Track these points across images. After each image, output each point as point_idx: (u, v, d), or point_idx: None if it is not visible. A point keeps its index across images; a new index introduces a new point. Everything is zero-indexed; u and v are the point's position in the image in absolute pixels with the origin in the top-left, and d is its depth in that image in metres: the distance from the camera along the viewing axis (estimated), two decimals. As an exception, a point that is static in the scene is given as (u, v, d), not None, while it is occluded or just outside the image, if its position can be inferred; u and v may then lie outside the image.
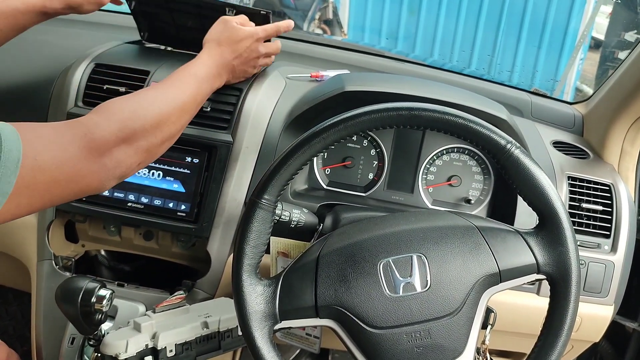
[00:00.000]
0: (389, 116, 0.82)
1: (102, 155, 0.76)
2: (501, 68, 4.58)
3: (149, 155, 0.86)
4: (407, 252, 0.82)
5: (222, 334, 0.99)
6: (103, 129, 0.77)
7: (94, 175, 0.76)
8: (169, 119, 0.88)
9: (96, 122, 0.78)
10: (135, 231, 1.20)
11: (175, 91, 0.92)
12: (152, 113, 0.85)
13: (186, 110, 0.93)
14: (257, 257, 0.84)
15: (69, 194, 0.74)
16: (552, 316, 0.81)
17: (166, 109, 0.88)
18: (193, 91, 0.95)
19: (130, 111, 0.82)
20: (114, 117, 0.80)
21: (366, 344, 0.80)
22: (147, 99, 0.87)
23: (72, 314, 0.90)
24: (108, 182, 0.80)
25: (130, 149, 0.80)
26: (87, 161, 0.74)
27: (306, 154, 0.83)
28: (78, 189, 0.75)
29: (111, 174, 0.79)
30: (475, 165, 1.21)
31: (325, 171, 1.22)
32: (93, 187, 0.77)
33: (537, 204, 0.82)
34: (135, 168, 0.84)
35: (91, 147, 0.75)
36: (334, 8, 5.15)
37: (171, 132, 0.89)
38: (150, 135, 0.84)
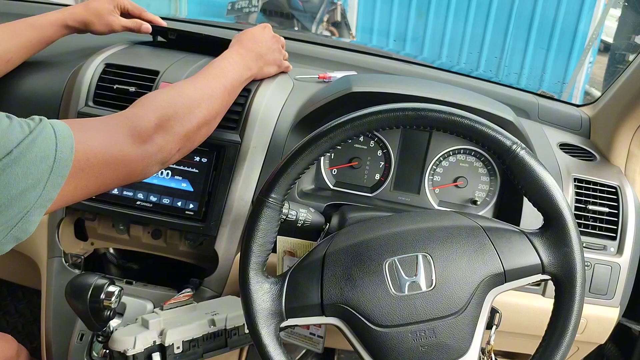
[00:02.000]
0: (396, 116, 0.83)
1: (144, 142, 0.83)
2: (509, 70, 4.57)
3: (188, 140, 0.92)
4: (413, 251, 0.82)
5: (228, 332, 0.99)
6: (142, 118, 0.84)
7: (139, 160, 0.83)
8: (200, 105, 0.94)
9: (135, 113, 0.85)
10: (143, 230, 1.21)
11: (203, 81, 0.99)
12: (183, 100, 0.91)
13: (215, 97, 0.98)
14: (264, 255, 0.84)
15: (118, 178, 0.81)
16: (557, 317, 0.81)
17: (195, 96, 0.94)
18: (220, 80, 1.01)
19: (163, 100, 0.89)
20: (150, 107, 0.87)
21: (371, 342, 0.81)
22: (177, 89, 0.94)
23: (81, 310, 0.92)
24: (152, 168, 0.86)
25: (168, 135, 0.87)
26: (132, 147, 0.81)
27: (313, 153, 0.84)
28: (125, 173, 0.82)
29: (154, 160, 0.86)
30: (482, 166, 1.22)
31: (332, 171, 1.23)
32: (139, 172, 0.85)
33: (542, 205, 0.82)
34: (176, 154, 0.91)
35: (134, 134, 0.82)
36: (342, 10, 5.17)
37: (204, 117, 0.94)
38: (184, 120, 0.90)
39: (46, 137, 0.68)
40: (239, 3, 4.92)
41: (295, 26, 4.51)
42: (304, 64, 1.46)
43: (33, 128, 0.68)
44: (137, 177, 0.85)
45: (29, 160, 0.66)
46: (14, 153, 0.64)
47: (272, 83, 1.20)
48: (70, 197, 0.74)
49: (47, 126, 0.70)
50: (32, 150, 0.66)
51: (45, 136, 0.68)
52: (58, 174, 0.69)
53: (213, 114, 0.97)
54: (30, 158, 0.66)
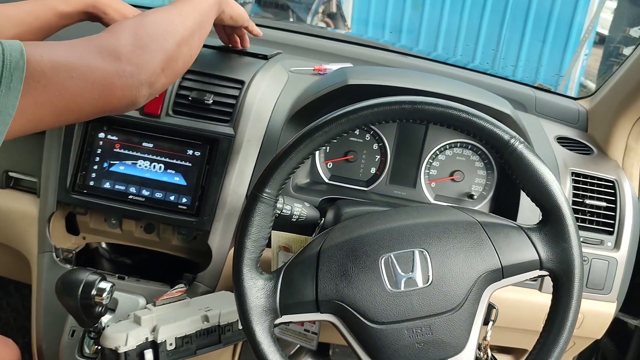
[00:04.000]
0: (392, 110, 0.82)
1: (119, 60, 0.76)
2: (505, 63, 4.56)
3: (170, 59, 0.84)
4: (409, 247, 0.81)
5: (222, 328, 0.98)
6: (112, 38, 0.77)
7: (116, 77, 0.75)
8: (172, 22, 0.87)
9: (105, 35, 0.78)
10: (136, 224, 1.20)
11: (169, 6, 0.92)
12: (152, 19, 0.85)
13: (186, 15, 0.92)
14: (258, 251, 0.83)
15: (93, 96, 0.74)
16: (555, 313, 0.80)
17: (164, 15, 0.87)
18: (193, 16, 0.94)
19: (132, 23, 0.82)
20: (119, 29, 0.80)
21: (367, 339, 0.80)
22: (143, 14, 0.86)
23: (72, 306, 0.90)
24: (139, 89, 0.79)
25: (146, 54, 0.80)
26: (102, 61, 0.74)
27: (308, 147, 0.83)
28: (101, 90, 0.74)
29: (137, 79, 0.78)
30: (478, 160, 1.20)
31: (328, 165, 1.21)
32: (120, 92, 0.77)
33: (541, 200, 0.81)
34: (161, 75, 0.83)
35: (104, 51, 0.74)
36: (338, 2, 5.14)
37: (181, 34, 0.87)
38: (160, 38, 0.83)
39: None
40: None
41: (290, 17, 4.48)
42: (299, 55, 1.44)
43: None
44: (122, 100, 0.78)
45: None
46: None
47: (266, 75, 1.19)
48: (33, 113, 0.68)
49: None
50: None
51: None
52: (11, 77, 0.63)
53: (189, 33, 0.90)
54: None
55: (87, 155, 1.13)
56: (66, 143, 1.13)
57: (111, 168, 1.12)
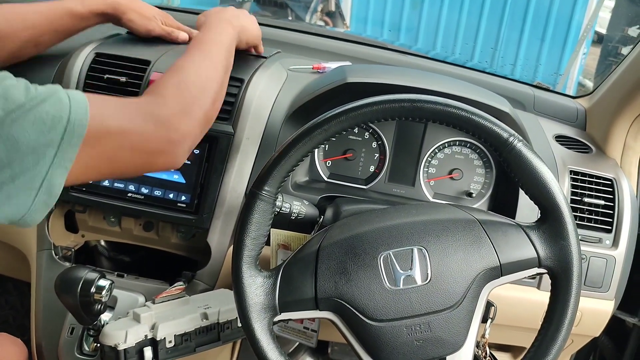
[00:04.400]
0: (391, 108, 0.82)
1: (167, 129, 0.80)
2: (504, 61, 4.56)
3: (208, 120, 0.90)
4: (408, 244, 0.81)
5: (221, 326, 0.98)
6: (163, 106, 0.81)
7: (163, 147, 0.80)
8: (209, 79, 0.91)
9: (156, 101, 0.81)
10: (135, 222, 1.20)
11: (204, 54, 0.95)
12: (195, 80, 0.88)
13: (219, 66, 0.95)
14: (257, 248, 0.83)
15: (138, 164, 0.79)
16: (553, 310, 0.81)
17: (203, 72, 0.91)
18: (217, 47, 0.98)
19: (178, 84, 0.85)
20: (169, 93, 0.83)
21: (366, 336, 0.80)
22: (185, 70, 0.89)
23: (72, 304, 0.90)
24: (182, 156, 0.84)
25: (190, 120, 0.84)
26: (154, 131, 0.78)
27: (307, 145, 0.83)
28: (147, 160, 0.79)
29: (181, 148, 0.83)
30: (477, 158, 1.21)
31: (327, 163, 1.21)
32: (167, 160, 0.82)
33: (539, 198, 0.81)
34: (199, 136, 0.88)
35: (155, 118, 0.79)
36: (337, 0, 5.13)
37: (216, 91, 0.91)
38: (202, 101, 0.87)
39: (59, 98, 0.67)
40: None
41: (289, 16, 4.47)
42: (298, 54, 1.44)
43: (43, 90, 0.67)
44: (164, 165, 0.83)
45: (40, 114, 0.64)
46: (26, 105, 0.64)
47: (265, 73, 1.19)
48: (82, 173, 0.71)
49: (59, 89, 0.68)
50: (43, 107, 0.65)
51: (59, 97, 0.67)
52: (73, 133, 0.67)
53: (220, 84, 0.95)
54: (41, 113, 0.64)
55: (86, 153, 1.12)
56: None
57: (110, 166, 1.12)
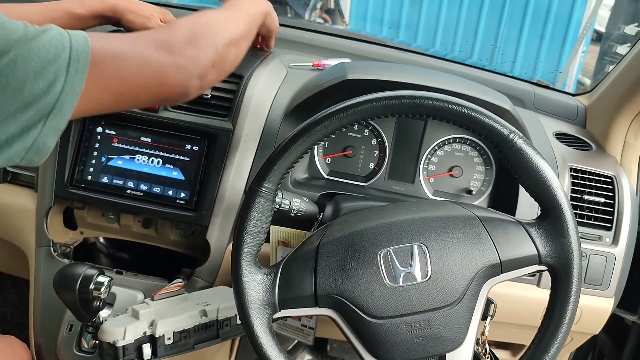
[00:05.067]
0: (392, 104, 0.82)
1: (173, 53, 0.80)
2: (504, 59, 4.55)
3: (220, 57, 0.89)
4: (408, 241, 0.81)
5: (220, 323, 0.98)
6: (169, 33, 0.83)
7: (169, 67, 0.80)
8: (225, 24, 0.93)
9: (161, 30, 0.85)
10: (134, 219, 1.20)
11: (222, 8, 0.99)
12: (207, 19, 0.90)
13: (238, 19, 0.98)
14: (257, 245, 0.83)
15: (147, 84, 0.79)
16: (553, 308, 0.81)
17: (219, 17, 0.93)
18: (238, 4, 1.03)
19: (189, 20, 0.88)
20: (176, 25, 0.85)
21: (365, 333, 0.80)
22: (199, 13, 0.92)
23: (70, 300, 0.90)
24: (191, 81, 0.83)
25: (198, 49, 0.84)
26: (158, 52, 0.79)
27: (307, 142, 0.83)
28: (157, 80, 0.79)
29: (189, 71, 0.83)
30: (477, 155, 1.20)
31: (326, 160, 1.21)
32: (173, 82, 0.81)
33: (540, 195, 0.81)
34: (211, 70, 0.87)
35: (160, 44, 0.80)
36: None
37: (231, 36, 0.93)
38: (214, 35, 0.88)
39: (57, 30, 0.69)
40: None
41: (288, 13, 4.46)
42: (297, 51, 1.44)
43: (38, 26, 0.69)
44: (175, 88, 0.83)
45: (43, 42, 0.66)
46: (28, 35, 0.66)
47: (265, 70, 1.18)
48: (95, 97, 0.73)
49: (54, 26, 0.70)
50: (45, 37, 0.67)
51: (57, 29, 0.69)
52: (78, 59, 0.69)
53: (239, 35, 0.96)
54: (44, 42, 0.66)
55: (85, 150, 1.12)
56: (64, 137, 1.12)
57: (109, 162, 1.12)
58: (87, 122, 1.12)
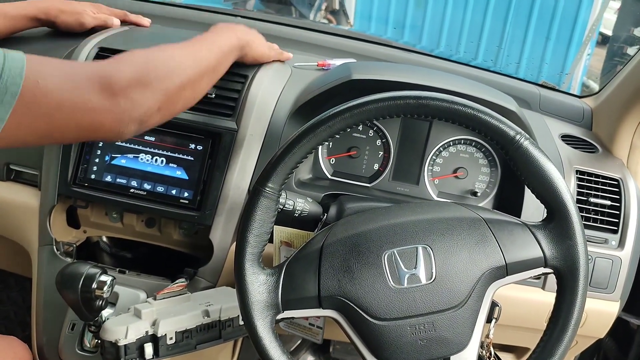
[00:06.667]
0: (397, 105, 0.81)
1: (115, 94, 0.75)
2: (509, 60, 4.54)
3: (169, 100, 0.83)
4: (413, 243, 0.81)
5: (223, 323, 0.98)
6: (116, 70, 0.77)
7: (106, 112, 0.75)
8: (184, 63, 0.87)
9: (109, 64, 0.78)
10: (137, 218, 1.19)
11: (189, 43, 0.92)
12: (165, 57, 0.84)
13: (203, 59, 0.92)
14: (260, 245, 0.83)
15: (78, 127, 0.74)
16: (559, 311, 0.80)
17: (179, 55, 0.87)
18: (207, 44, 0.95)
19: (144, 56, 0.82)
20: (128, 60, 0.80)
21: (369, 335, 0.79)
22: (161, 48, 0.86)
23: (73, 299, 0.90)
24: (126, 126, 0.78)
25: (146, 91, 0.79)
26: (98, 95, 0.74)
27: (311, 142, 0.82)
28: (89, 124, 0.74)
29: (128, 115, 0.77)
30: (482, 157, 1.20)
31: (330, 161, 1.21)
32: (108, 126, 0.76)
33: (546, 197, 0.81)
34: (156, 114, 0.82)
35: (102, 83, 0.74)
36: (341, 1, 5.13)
37: (189, 76, 0.87)
38: (166, 77, 0.82)
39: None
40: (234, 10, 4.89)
41: (292, 14, 4.46)
42: (302, 51, 1.43)
43: None
44: (108, 133, 0.78)
45: None
46: None
47: (269, 70, 1.18)
48: (14, 134, 0.68)
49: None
50: None
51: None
52: (5, 91, 0.64)
53: (197, 76, 0.90)
54: None
55: (89, 149, 1.12)
56: (68, 136, 1.12)
57: (113, 161, 1.11)
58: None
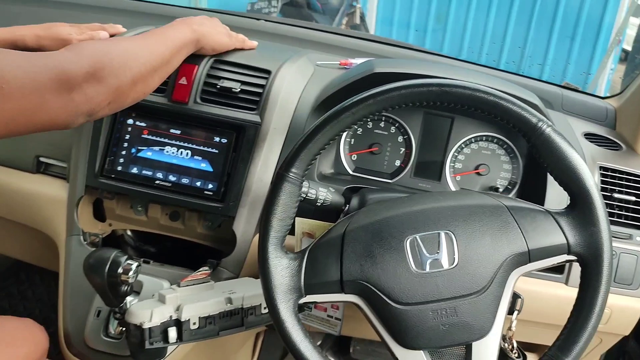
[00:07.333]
0: (419, 92, 0.82)
1: (71, 90, 0.77)
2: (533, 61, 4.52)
3: (120, 95, 0.85)
4: (435, 229, 0.81)
5: (245, 311, 0.98)
6: (74, 63, 0.78)
7: (61, 109, 0.77)
8: (137, 58, 0.88)
9: (67, 57, 0.79)
10: (161, 211, 1.21)
11: (141, 37, 0.94)
12: (119, 50, 0.85)
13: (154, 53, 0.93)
14: (284, 230, 0.83)
15: (35, 125, 0.76)
16: (584, 298, 0.79)
17: (132, 48, 0.88)
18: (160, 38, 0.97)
19: (98, 49, 0.83)
20: (85, 53, 0.81)
21: (391, 319, 0.79)
22: (113, 40, 0.88)
23: (99, 284, 0.91)
24: (76, 118, 0.80)
25: (100, 86, 0.81)
26: (56, 93, 0.75)
27: (335, 128, 0.83)
28: (45, 120, 0.76)
29: (79, 110, 0.79)
30: (504, 154, 1.20)
31: (352, 157, 1.22)
32: (60, 121, 0.78)
33: (569, 183, 0.80)
34: (105, 107, 0.84)
35: (61, 79, 0.76)
36: (361, 13, 5.18)
37: (141, 71, 0.88)
38: (119, 72, 0.84)
39: None
40: (258, 4, 4.98)
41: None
42: (324, 52, 1.45)
43: None
44: (56, 127, 0.79)
45: None
46: None
47: (292, 66, 1.20)
48: None
49: None
50: None
51: None
52: None
53: (150, 70, 0.91)
54: None
55: (116, 141, 1.14)
56: (95, 128, 1.15)
57: (139, 154, 1.14)
58: (118, 114, 1.15)
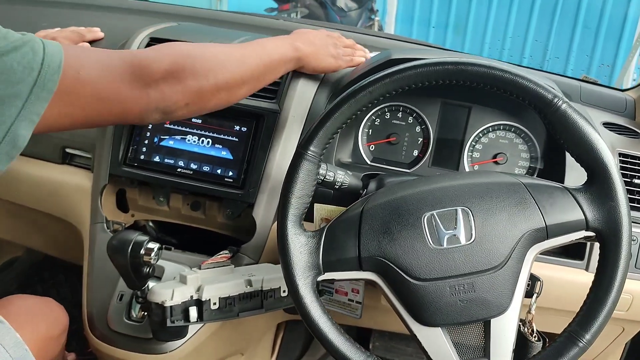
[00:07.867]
0: (435, 71, 0.83)
1: (147, 85, 0.78)
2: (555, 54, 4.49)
3: (200, 98, 0.84)
4: (452, 205, 0.81)
5: (265, 293, 0.99)
6: (153, 60, 0.79)
7: (135, 101, 0.78)
8: (225, 66, 0.87)
9: (147, 54, 0.80)
10: (183, 201, 1.23)
11: (237, 47, 0.92)
12: (206, 55, 0.85)
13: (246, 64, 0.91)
14: (302, 208, 0.85)
15: (110, 114, 0.77)
16: (602, 273, 0.79)
17: (222, 56, 0.87)
18: (256, 50, 0.95)
19: (184, 50, 0.83)
20: (166, 52, 0.82)
21: (409, 296, 0.80)
22: (205, 45, 0.87)
23: (122, 264, 0.93)
24: (151, 114, 0.81)
25: (178, 86, 0.80)
26: (130, 85, 0.76)
27: (352, 107, 0.85)
28: (119, 111, 0.77)
29: (154, 106, 0.80)
30: (522, 142, 1.20)
31: (370, 147, 1.23)
32: (134, 114, 0.79)
33: (586, 159, 0.80)
34: (183, 108, 0.83)
35: (136, 73, 0.77)
36: (380, 26, 5.21)
37: (227, 80, 0.87)
38: (200, 76, 0.83)
39: (33, 48, 0.66)
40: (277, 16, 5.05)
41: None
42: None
43: (17, 38, 0.65)
44: (132, 120, 0.81)
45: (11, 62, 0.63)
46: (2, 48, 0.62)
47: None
48: (53, 122, 0.70)
49: (35, 40, 0.67)
50: (14, 55, 0.63)
51: (32, 47, 0.66)
52: (43, 87, 0.66)
53: (238, 80, 0.89)
54: (12, 62, 0.63)
55: (139, 130, 1.17)
56: (120, 119, 1.18)
57: (161, 143, 1.16)
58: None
